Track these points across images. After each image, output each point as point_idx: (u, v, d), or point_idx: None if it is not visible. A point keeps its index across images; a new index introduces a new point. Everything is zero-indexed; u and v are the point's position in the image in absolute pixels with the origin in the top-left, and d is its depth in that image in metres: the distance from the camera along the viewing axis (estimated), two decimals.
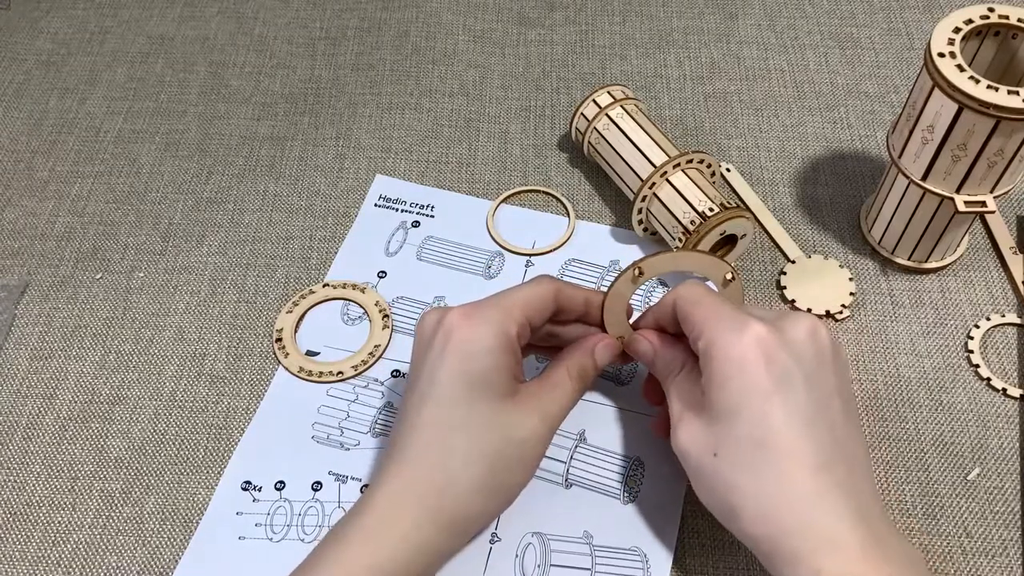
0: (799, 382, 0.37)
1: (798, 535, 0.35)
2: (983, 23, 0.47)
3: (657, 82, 0.67)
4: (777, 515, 0.36)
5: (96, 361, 0.53)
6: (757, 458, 0.36)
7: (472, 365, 0.40)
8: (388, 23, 0.72)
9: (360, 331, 0.54)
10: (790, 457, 0.36)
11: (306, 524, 0.46)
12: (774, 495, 0.36)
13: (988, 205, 0.49)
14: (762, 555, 0.37)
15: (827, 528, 0.35)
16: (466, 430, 0.39)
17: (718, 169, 0.56)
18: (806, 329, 0.39)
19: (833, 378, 0.39)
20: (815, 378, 0.38)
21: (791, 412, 0.37)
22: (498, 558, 0.45)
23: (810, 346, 0.38)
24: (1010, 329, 0.53)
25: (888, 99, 0.66)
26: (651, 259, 0.45)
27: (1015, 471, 0.48)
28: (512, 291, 0.42)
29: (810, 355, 0.38)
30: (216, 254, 0.58)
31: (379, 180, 0.62)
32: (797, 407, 0.37)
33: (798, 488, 0.36)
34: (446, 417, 0.40)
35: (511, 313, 0.41)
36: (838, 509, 0.35)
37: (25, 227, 0.60)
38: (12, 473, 0.49)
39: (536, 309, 0.42)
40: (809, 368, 0.38)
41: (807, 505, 0.35)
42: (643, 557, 0.45)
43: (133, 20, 0.73)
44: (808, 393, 0.37)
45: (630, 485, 0.47)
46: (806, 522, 0.35)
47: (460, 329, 0.40)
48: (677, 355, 0.43)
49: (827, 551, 0.34)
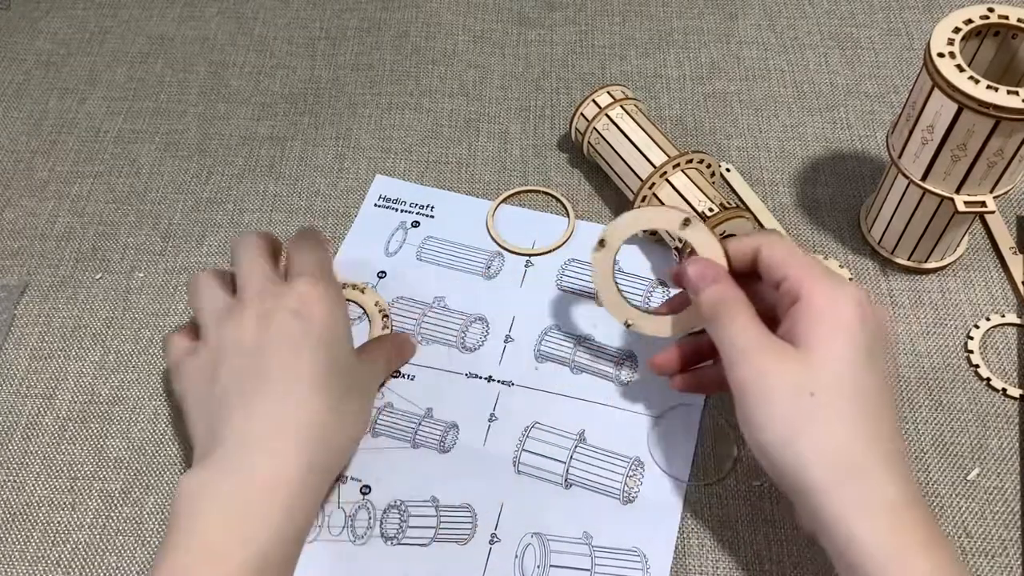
0: (880, 348, 0.40)
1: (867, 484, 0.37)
2: (983, 23, 0.47)
3: (657, 82, 0.67)
4: (854, 462, 0.37)
5: (96, 361, 0.53)
6: (853, 408, 0.38)
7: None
8: (388, 23, 0.72)
9: (359, 332, 0.54)
10: (878, 416, 0.38)
11: None
12: (860, 445, 0.37)
13: (988, 205, 0.49)
14: (805, 490, 0.37)
15: (899, 493, 0.37)
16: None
17: (718, 169, 0.56)
18: (878, 305, 0.41)
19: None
20: (883, 344, 0.41)
21: (879, 376, 0.39)
22: (498, 559, 0.45)
23: (880, 317, 0.41)
24: (1010, 329, 0.53)
25: (888, 99, 0.66)
26: (611, 226, 0.45)
27: (1015, 471, 0.48)
28: None
29: (879, 326, 0.41)
30: (216, 254, 0.58)
31: (379, 180, 0.62)
32: (882, 369, 0.39)
33: (886, 444, 0.38)
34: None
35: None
36: (907, 475, 0.37)
37: (25, 227, 0.60)
38: (12, 473, 0.49)
39: None
40: (881, 336, 0.40)
41: (884, 459, 0.37)
42: (643, 558, 0.45)
43: (133, 20, 0.73)
44: (882, 359, 0.40)
45: (630, 485, 0.47)
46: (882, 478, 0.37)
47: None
48: (739, 292, 0.43)
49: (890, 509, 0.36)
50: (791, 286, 0.41)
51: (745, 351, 0.40)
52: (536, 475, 0.48)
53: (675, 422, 0.49)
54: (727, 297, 0.42)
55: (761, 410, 0.39)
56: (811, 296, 0.40)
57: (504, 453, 0.48)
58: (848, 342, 0.39)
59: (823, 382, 0.38)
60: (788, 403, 0.38)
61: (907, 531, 0.36)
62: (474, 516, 0.46)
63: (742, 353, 0.40)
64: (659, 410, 0.50)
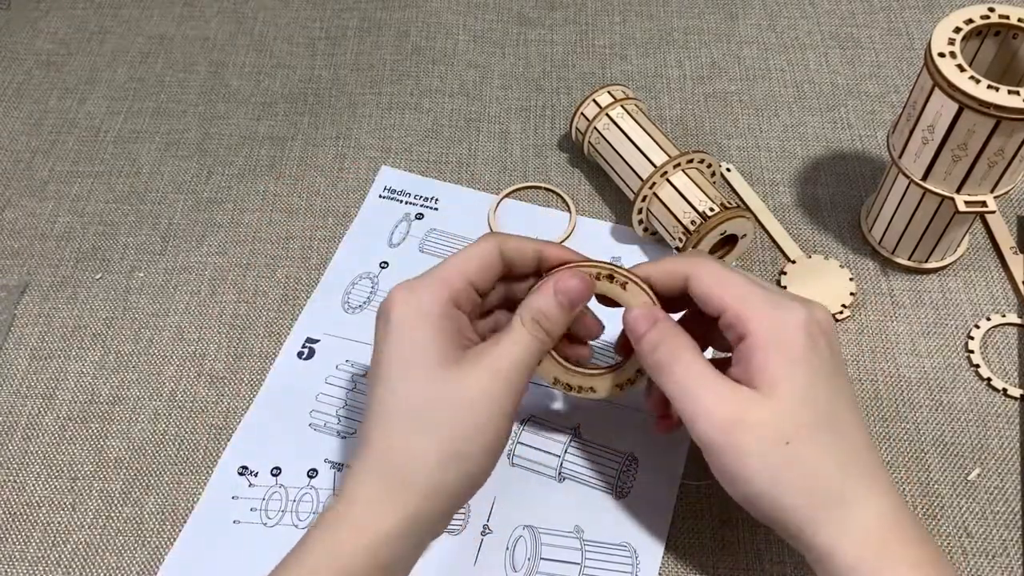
0: (836, 360, 0.39)
1: (854, 508, 0.36)
2: (983, 23, 0.47)
3: (657, 82, 0.67)
4: (838, 492, 0.36)
5: (96, 361, 0.53)
6: (828, 436, 0.37)
7: (406, 340, 0.39)
8: (388, 23, 0.72)
9: (362, 319, 0.53)
10: (852, 434, 0.37)
11: (300, 510, 0.47)
12: (840, 473, 0.37)
13: (988, 205, 0.49)
14: (795, 530, 0.37)
15: (884, 513, 0.36)
16: (409, 404, 0.38)
17: (718, 169, 0.56)
18: (822, 312, 0.39)
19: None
20: (839, 358, 0.39)
21: (846, 392, 0.38)
22: (489, 550, 0.45)
23: (828, 330, 0.39)
24: (1010, 329, 0.53)
25: (888, 99, 0.66)
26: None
27: (1015, 471, 0.48)
28: (453, 256, 0.41)
29: (831, 340, 0.39)
30: (216, 254, 0.58)
31: (384, 171, 0.62)
32: (844, 382, 0.38)
33: (864, 462, 0.37)
34: (390, 396, 0.39)
35: (447, 280, 0.40)
36: (889, 487, 0.37)
37: (25, 227, 0.60)
38: (12, 473, 0.49)
39: (478, 269, 0.41)
40: (835, 350, 0.39)
41: (871, 477, 0.37)
42: (633, 553, 0.45)
43: (133, 20, 0.73)
44: (842, 369, 0.39)
45: (623, 481, 0.47)
46: (867, 500, 0.36)
47: (397, 306, 0.39)
48: (683, 335, 0.40)
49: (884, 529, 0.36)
50: (731, 321, 0.38)
51: (700, 404, 0.37)
52: (530, 468, 0.48)
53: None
54: (663, 339, 0.39)
55: (735, 467, 0.37)
56: (756, 332, 0.37)
57: None
58: (807, 373, 0.37)
59: (794, 425, 0.36)
60: (764, 456, 0.36)
61: (895, 553, 0.35)
62: (467, 507, 0.47)
63: (697, 407, 0.37)
64: None
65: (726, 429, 0.37)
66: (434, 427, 0.38)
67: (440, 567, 0.45)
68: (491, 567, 0.45)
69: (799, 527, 0.36)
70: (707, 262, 0.41)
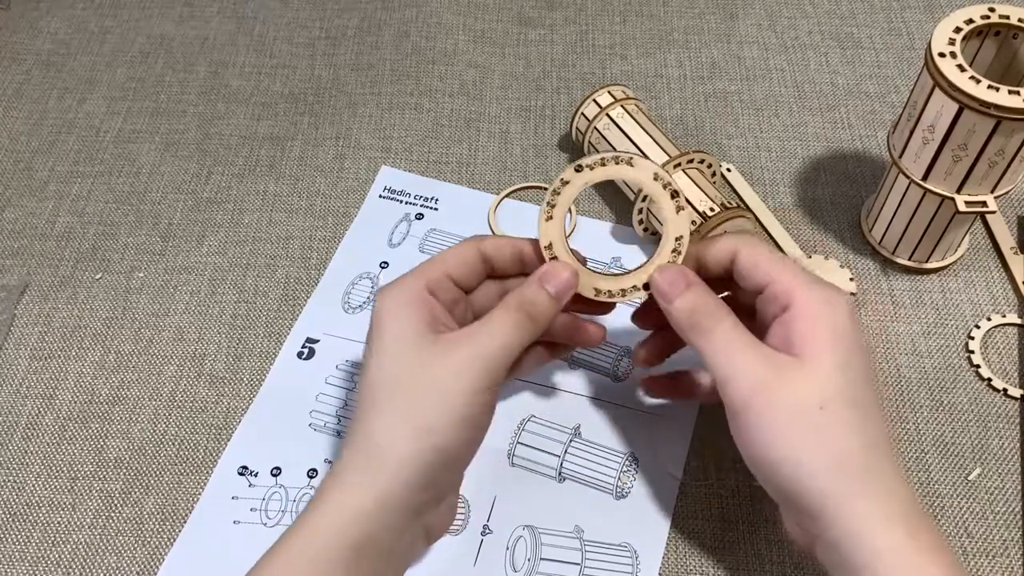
0: (867, 354, 0.40)
1: (871, 489, 0.36)
2: (984, 23, 0.47)
3: (657, 82, 0.67)
4: (866, 471, 0.37)
5: (96, 361, 0.53)
6: (858, 415, 0.37)
7: (383, 325, 0.40)
8: (388, 23, 0.72)
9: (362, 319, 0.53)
10: (876, 420, 0.38)
11: (300, 511, 0.46)
12: (867, 453, 0.37)
13: (989, 205, 0.49)
14: (810, 504, 0.37)
15: (909, 498, 0.37)
16: (383, 382, 0.39)
17: (718, 169, 0.56)
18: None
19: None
20: (868, 352, 0.41)
21: (871, 378, 0.39)
22: (489, 550, 0.45)
23: (857, 318, 0.41)
24: (1011, 329, 0.53)
25: (888, 99, 0.66)
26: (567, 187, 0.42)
27: (1016, 471, 0.48)
28: (436, 255, 0.43)
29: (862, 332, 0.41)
30: (216, 254, 0.58)
31: (384, 171, 0.62)
32: (872, 375, 0.39)
33: (886, 446, 0.38)
34: (367, 377, 0.39)
35: (423, 271, 0.42)
36: (906, 479, 0.38)
37: (25, 227, 0.59)
38: (12, 473, 0.49)
39: (456, 264, 0.42)
40: (865, 342, 0.41)
41: (890, 464, 0.37)
42: (633, 553, 0.45)
43: (133, 20, 0.73)
44: (871, 365, 0.40)
45: (623, 481, 0.47)
46: (882, 484, 0.37)
47: (379, 298, 0.41)
48: (716, 298, 0.41)
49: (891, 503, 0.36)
50: (778, 292, 0.39)
51: (737, 364, 0.38)
52: (530, 468, 0.48)
53: (671, 419, 0.49)
54: (704, 303, 0.40)
55: (765, 427, 0.37)
56: (806, 303, 0.38)
57: (498, 445, 0.49)
58: (849, 350, 0.38)
59: (830, 393, 0.37)
60: (795, 419, 0.37)
61: (921, 536, 0.35)
62: (467, 507, 0.47)
63: (734, 367, 0.38)
64: (655, 406, 0.50)
65: (760, 390, 0.37)
66: (405, 402, 0.38)
67: (440, 567, 0.45)
68: (491, 567, 0.45)
69: (822, 496, 0.36)
70: (758, 240, 0.42)
